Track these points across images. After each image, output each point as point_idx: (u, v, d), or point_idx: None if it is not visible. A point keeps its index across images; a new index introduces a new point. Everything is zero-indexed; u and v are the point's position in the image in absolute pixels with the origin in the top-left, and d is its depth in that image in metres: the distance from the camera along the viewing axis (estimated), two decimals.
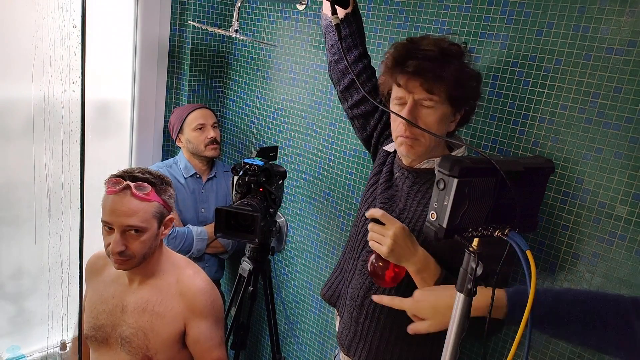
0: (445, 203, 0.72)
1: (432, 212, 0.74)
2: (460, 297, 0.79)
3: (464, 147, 1.19)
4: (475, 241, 0.78)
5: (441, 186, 0.72)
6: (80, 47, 0.73)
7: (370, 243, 1.09)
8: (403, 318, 1.06)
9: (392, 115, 1.19)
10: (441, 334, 1.15)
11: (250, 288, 1.75)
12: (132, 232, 1.28)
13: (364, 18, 1.62)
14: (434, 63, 1.06)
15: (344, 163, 1.79)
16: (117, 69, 2.11)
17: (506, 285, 1.10)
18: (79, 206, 0.77)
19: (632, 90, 1.13)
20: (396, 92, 1.12)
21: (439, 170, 0.73)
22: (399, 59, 1.09)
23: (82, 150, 0.76)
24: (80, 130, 0.76)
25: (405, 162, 1.21)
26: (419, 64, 1.06)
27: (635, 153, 1.14)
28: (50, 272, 1.00)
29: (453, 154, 1.16)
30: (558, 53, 1.23)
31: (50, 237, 1.02)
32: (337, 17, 1.06)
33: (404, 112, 1.09)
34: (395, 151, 1.27)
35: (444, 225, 0.72)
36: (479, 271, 0.77)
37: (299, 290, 2.06)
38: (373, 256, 1.12)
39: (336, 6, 1.18)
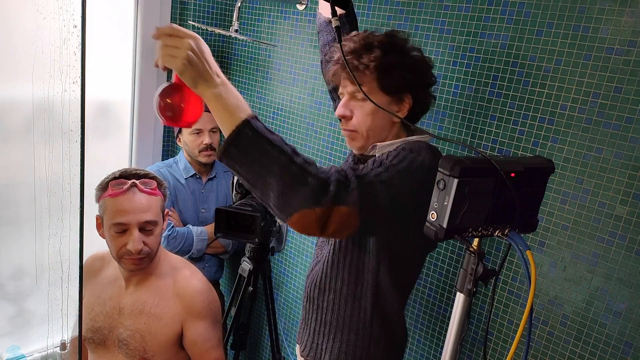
0: (445, 203, 0.72)
1: (432, 212, 0.74)
2: (460, 297, 0.80)
3: (426, 132, 1.10)
4: (475, 241, 0.78)
5: (441, 186, 0.72)
6: (80, 47, 0.73)
7: (163, 60, 0.87)
8: (342, 301, 1.05)
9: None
10: (379, 319, 1.14)
11: (250, 288, 1.75)
12: (148, 228, 1.30)
13: (364, 18, 1.62)
14: (354, 55, 1.07)
15: None
16: (117, 69, 2.11)
17: None
18: (79, 206, 0.77)
19: (632, 90, 1.13)
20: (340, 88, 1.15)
21: (439, 171, 0.73)
22: (333, 55, 1.13)
23: (82, 150, 0.76)
24: (80, 130, 0.76)
25: (355, 151, 1.22)
26: (340, 57, 1.09)
27: (635, 153, 1.14)
28: (50, 272, 1.00)
29: (414, 138, 1.12)
30: (558, 53, 1.23)
31: (50, 237, 1.02)
32: (337, 20, 1.06)
33: (339, 106, 1.12)
34: None
35: (444, 225, 0.72)
36: (480, 271, 0.77)
37: (299, 290, 2.05)
38: (159, 90, 0.92)
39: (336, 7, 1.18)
